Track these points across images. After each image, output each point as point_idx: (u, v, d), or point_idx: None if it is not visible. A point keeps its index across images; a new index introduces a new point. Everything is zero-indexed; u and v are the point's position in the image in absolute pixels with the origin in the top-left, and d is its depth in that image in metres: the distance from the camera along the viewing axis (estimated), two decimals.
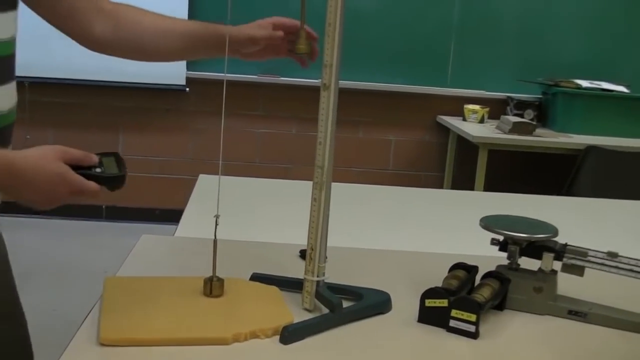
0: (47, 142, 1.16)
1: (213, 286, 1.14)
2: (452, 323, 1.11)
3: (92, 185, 0.99)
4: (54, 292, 1.35)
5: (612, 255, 1.19)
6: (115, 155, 1.04)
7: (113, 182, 1.02)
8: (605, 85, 4.27)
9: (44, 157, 0.96)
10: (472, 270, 1.25)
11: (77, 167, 0.99)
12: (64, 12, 1.24)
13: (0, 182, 0.95)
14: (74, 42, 1.31)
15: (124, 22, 1.28)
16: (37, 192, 0.96)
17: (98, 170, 1.00)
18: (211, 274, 1.20)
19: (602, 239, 1.41)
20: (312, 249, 1.13)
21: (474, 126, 4.26)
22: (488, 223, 1.25)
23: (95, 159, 1.01)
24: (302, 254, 1.37)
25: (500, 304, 1.21)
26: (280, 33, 1.18)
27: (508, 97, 4.53)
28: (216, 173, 1.29)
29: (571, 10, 4.55)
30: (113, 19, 1.28)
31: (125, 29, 1.28)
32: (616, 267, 1.18)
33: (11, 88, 1.14)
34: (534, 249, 1.23)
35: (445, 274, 1.25)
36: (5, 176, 0.94)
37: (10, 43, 1.13)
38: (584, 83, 4.27)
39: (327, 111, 1.09)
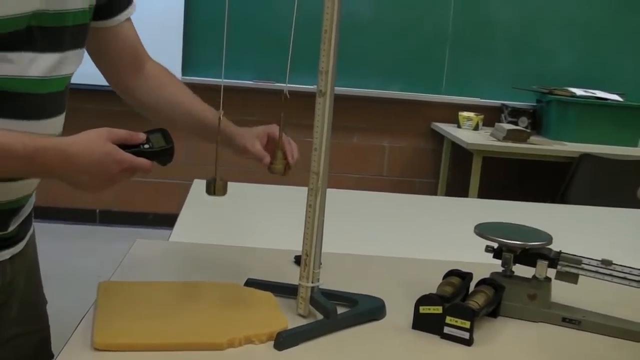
0: None
1: (216, 186, 1.13)
2: (447, 330, 1.11)
3: (143, 161, 1.02)
4: (47, 297, 1.35)
5: (606, 263, 1.19)
6: (162, 131, 1.06)
7: (161, 155, 1.04)
8: (600, 93, 4.29)
9: (91, 139, 0.99)
10: (466, 277, 1.26)
11: (126, 147, 1.01)
12: (109, 60, 1.30)
13: (55, 169, 0.98)
14: None
15: (151, 86, 1.34)
16: (90, 175, 0.99)
17: (146, 146, 1.02)
18: (207, 279, 1.20)
19: (596, 247, 1.41)
20: (307, 255, 1.13)
21: (469, 133, 4.27)
22: (482, 230, 1.26)
23: (142, 136, 1.04)
24: (297, 260, 1.37)
25: (494, 311, 1.21)
26: (267, 160, 1.23)
27: (502, 104, 4.54)
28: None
29: (565, 18, 4.57)
30: (145, 80, 1.34)
31: (150, 92, 1.34)
32: (610, 274, 1.19)
33: (59, 120, 1.18)
34: (528, 257, 1.23)
35: (440, 280, 1.25)
36: (60, 163, 0.97)
37: (69, 77, 1.18)
38: (578, 91, 4.28)
39: (323, 117, 1.09)
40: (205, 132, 1.34)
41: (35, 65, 1.06)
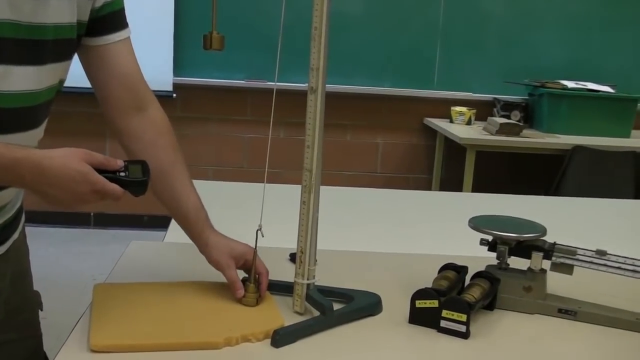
0: None
1: (213, 39, 1.12)
2: (443, 323, 1.12)
3: (115, 187, 1.00)
4: (43, 300, 1.35)
5: (601, 253, 1.20)
6: (142, 163, 1.06)
7: (135, 186, 1.03)
8: (591, 85, 4.29)
9: (68, 156, 0.98)
10: (461, 270, 1.26)
11: (102, 171, 1.00)
12: (101, 87, 1.24)
13: (27, 181, 0.97)
14: None
15: (140, 138, 1.25)
16: (61, 190, 0.98)
17: (122, 174, 1.02)
18: (202, 278, 1.20)
19: (590, 238, 1.41)
20: (302, 252, 1.13)
21: (461, 128, 4.27)
22: (477, 224, 1.26)
23: (119, 163, 1.03)
24: (292, 258, 1.37)
25: (490, 303, 1.22)
26: (240, 293, 1.17)
27: (495, 98, 4.54)
28: (203, 178, 1.29)
29: (556, 11, 4.57)
30: (143, 125, 1.25)
31: (137, 142, 1.25)
32: (605, 265, 1.19)
33: (34, 134, 1.14)
34: (523, 249, 1.24)
35: (435, 275, 1.25)
36: (32, 175, 0.97)
37: (50, 91, 1.14)
38: (570, 84, 4.29)
39: (315, 114, 1.09)
40: (182, 220, 1.26)
41: (6, 78, 1.03)
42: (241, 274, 1.20)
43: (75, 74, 1.27)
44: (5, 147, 0.96)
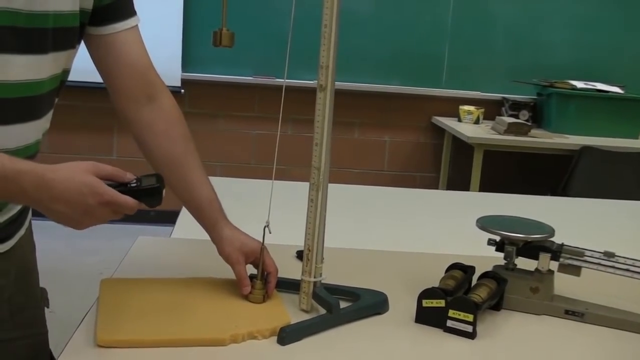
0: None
1: (222, 35, 1.12)
2: (450, 323, 1.11)
3: (127, 198, 0.96)
4: (50, 294, 1.35)
5: (609, 255, 1.19)
6: (156, 175, 1.01)
7: (148, 195, 0.98)
8: (600, 86, 4.28)
9: (73, 169, 0.94)
10: (469, 270, 1.26)
11: (114, 186, 0.96)
12: (110, 77, 1.21)
13: (31, 194, 0.93)
14: None
15: (151, 128, 1.23)
16: (68, 205, 0.93)
17: (133, 184, 0.97)
18: (209, 275, 1.20)
19: (598, 239, 1.41)
20: (309, 250, 1.13)
21: (469, 127, 4.26)
22: (484, 223, 1.25)
23: (129, 175, 0.99)
24: (299, 255, 1.37)
25: (497, 304, 1.21)
26: (246, 290, 1.16)
27: (503, 98, 4.53)
28: (210, 175, 1.28)
29: (565, 10, 4.56)
30: (155, 116, 1.23)
31: (148, 132, 1.23)
32: (612, 267, 1.19)
33: (34, 126, 1.11)
34: (531, 249, 1.23)
35: (442, 274, 1.25)
36: (36, 188, 0.92)
37: (51, 81, 1.11)
38: (579, 84, 4.27)
39: (324, 112, 1.09)
40: (195, 211, 1.25)
41: (5, 67, 1.00)
42: (250, 269, 1.20)
43: (83, 68, 1.26)
44: (8, 159, 0.92)
